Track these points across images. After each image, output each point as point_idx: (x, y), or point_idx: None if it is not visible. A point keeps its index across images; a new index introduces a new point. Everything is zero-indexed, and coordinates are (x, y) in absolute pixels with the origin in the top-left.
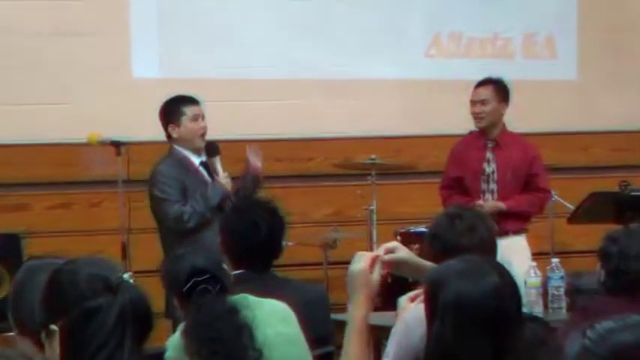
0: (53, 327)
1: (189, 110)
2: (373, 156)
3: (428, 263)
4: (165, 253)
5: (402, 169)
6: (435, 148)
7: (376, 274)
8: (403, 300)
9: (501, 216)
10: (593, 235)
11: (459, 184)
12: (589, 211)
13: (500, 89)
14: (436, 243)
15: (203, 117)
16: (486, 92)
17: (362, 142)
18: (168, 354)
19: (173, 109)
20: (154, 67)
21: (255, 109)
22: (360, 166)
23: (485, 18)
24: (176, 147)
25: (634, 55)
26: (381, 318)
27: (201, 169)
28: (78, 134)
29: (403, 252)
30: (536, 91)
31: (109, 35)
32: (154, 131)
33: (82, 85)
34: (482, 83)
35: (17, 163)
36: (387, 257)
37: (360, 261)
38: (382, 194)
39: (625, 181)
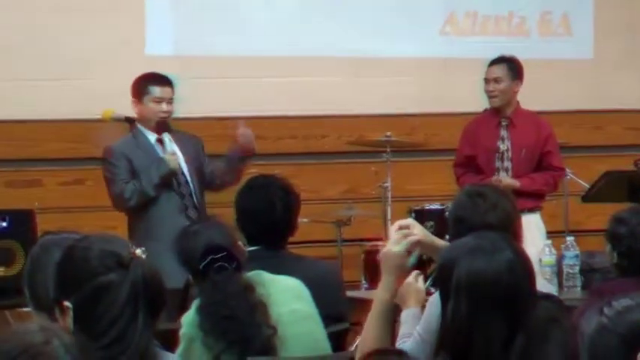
0: (67, 303)
1: (155, 91)
2: (388, 133)
3: (441, 241)
4: (129, 231)
5: (417, 147)
6: (450, 126)
7: (412, 259)
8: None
9: (516, 194)
10: (607, 214)
11: (472, 162)
12: (603, 190)
13: (513, 67)
14: (462, 225)
15: (170, 100)
16: (500, 70)
17: (376, 120)
18: (183, 330)
19: (140, 86)
20: (168, 43)
21: (269, 87)
22: (375, 143)
23: None
24: (137, 124)
25: None
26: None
27: (156, 146)
28: (91, 111)
29: (417, 230)
30: (551, 69)
31: (123, 12)
32: None
33: (95, 62)
34: (495, 61)
35: (31, 140)
36: (404, 232)
37: (399, 244)
38: (396, 172)
39: (639, 160)
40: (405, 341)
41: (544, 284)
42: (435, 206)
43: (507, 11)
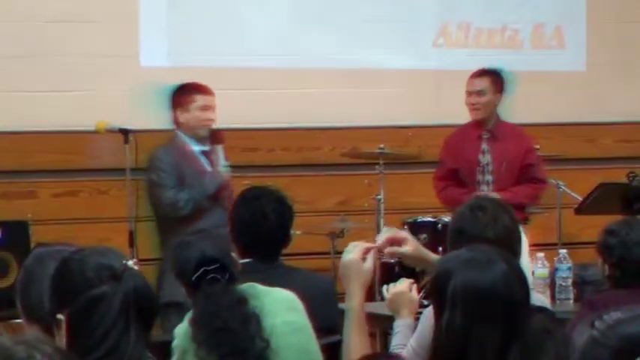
0: (60, 316)
1: (201, 99)
2: (382, 145)
3: (433, 255)
4: (160, 239)
5: (410, 159)
6: (443, 138)
7: (369, 264)
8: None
9: None
10: (600, 226)
11: (454, 176)
12: (597, 202)
13: (496, 80)
14: (462, 237)
15: (213, 109)
16: (483, 83)
17: (370, 132)
18: (175, 342)
19: (184, 94)
20: (163, 55)
21: (263, 99)
22: (368, 155)
23: (494, 9)
24: (179, 133)
25: None
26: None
27: (201, 157)
28: (86, 122)
29: (410, 245)
30: (544, 81)
31: (118, 24)
32: (162, 121)
33: (90, 74)
34: (478, 74)
35: (25, 151)
36: (393, 249)
37: (352, 251)
38: (390, 184)
39: (633, 172)
40: (400, 352)
41: (538, 298)
42: (428, 219)
43: (500, 24)
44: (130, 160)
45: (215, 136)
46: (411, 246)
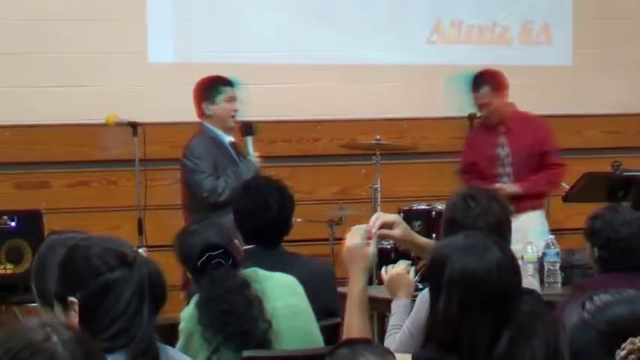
0: (72, 298)
1: (227, 90)
2: (378, 137)
3: (425, 239)
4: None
5: (405, 150)
6: (437, 130)
7: (372, 248)
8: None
9: (519, 195)
10: (586, 214)
11: (474, 169)
12: (583, 190)
13: (495, 85)
14: (454, 226)
15: (237, 99)
16: (485, 95)
17: (367, 124)
18: (182, 325)
19: (211, 87)
20: (170, 52)
21: (265, 93)
22: (365, 146)
23: (485, 7)
24: (206, 125)
25: (626, 42)
26: (385, 291)
27: (230, 148)
28: (96, 116)
29: (400, 229)
30: (532, 76)
31: (127, 22)
32: (169, 113)
33: (100, 70)
34: (477, 86)
35: (39, 143)
36: (382, 232)
37: (355, 236)
38: (386, 174)
39: (617, 162)
40: (395, 332)
41: (529, 282)
42: (423, 206)
43: (491, 21)
44: (138, 151)
45: (248, 127)
46: (400, 229)
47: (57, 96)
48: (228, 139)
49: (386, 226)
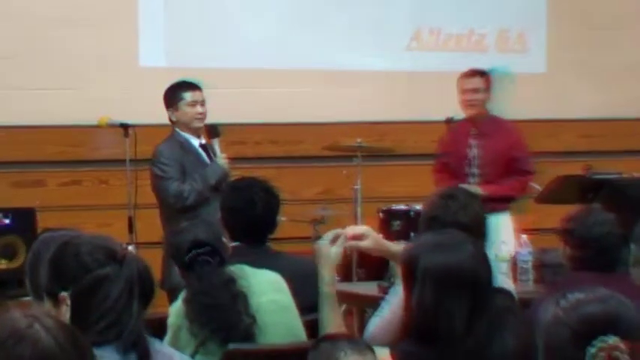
0: (63, 294)
1: (187, 95)
2: (359, 139)
3: (394, 246)
4: (164, 229)
5: (386, 152)
6: (416, 133)
7: (337, 248)
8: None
9: (485, 199)
10: (558, 215)
11: (448, 168)
12: (555, 192)
13: (487, 80)
14: (435, 223)
15: (202, 103)
16: (478, 82)
17: (349, 127)
18: (170, 320)
19: (173, 94)
20: (161, 56)
21: (251, 97)
22: (347, 148)
23: (462, 15)
24: (177, 130)
25: (598, 50)
26: (364, 288)
27: (200, 151)
28: (89, 118)
29: (370, 239)
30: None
31: (119, 26)
32: (159, 115)
33: (93, 73)
34: (472, 74)
35: (34, 143)
36: (351, 244)
37: (326, 236)
38: (367, 175)
39: (588, 165)
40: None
41: (505, 281)
42: (401, 207)
43: (468, 29)
44: (129, 152)
45: (212, 130)
46: (370, 240)
47: (51, 98)
48: (199, 141)
49: (356, 238)
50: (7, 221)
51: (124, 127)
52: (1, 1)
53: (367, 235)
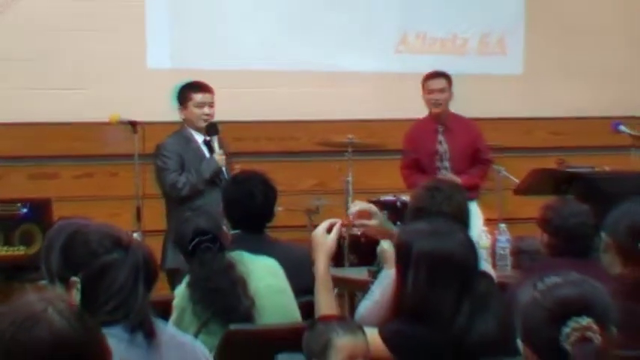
0: (74, 278)
1: (196, 97)
2: (350, 136)
3: (395, 228)
4: (167, 217)
5: (375, 148)
6: (403, 130)
7: (332, 235)
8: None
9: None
10: (534, 205)
11: (417, 164)
12: (531, 184)
13: (450, 81)
14: (421, 214)
15: (211, 104)
16: (443, 82)
17: (341, 125)
18: (176, 301)
19: (182, 94)
20: (166, 59)
21: (250, 96)
22: (339, 144)
23: (447, 21)
24: (186, 126)
25: (571, 53)
26: (354, 272)
27: (203, 146)
28: (100, 115)
29: (377, 218)
30: (487, 83)
31: (127, 32)
32: (165, 113)
33: (105, 74)
34: (437, 75)
35: (49, 139)
36: (361, 222)
37: (321, 226)
38: (357, 169)
39: (561, 159)
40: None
41: (485, 266)
42: (389, 197)
43: (451, 33)
44: (137, 147)
45: (210, 128)
46: (377, 219)
47: (65, 98)
48: (203, 137)
49: (364, 215)
50: (25, 211)
51: (133, 124)
52: (22, 11)
53: (373, 213)
